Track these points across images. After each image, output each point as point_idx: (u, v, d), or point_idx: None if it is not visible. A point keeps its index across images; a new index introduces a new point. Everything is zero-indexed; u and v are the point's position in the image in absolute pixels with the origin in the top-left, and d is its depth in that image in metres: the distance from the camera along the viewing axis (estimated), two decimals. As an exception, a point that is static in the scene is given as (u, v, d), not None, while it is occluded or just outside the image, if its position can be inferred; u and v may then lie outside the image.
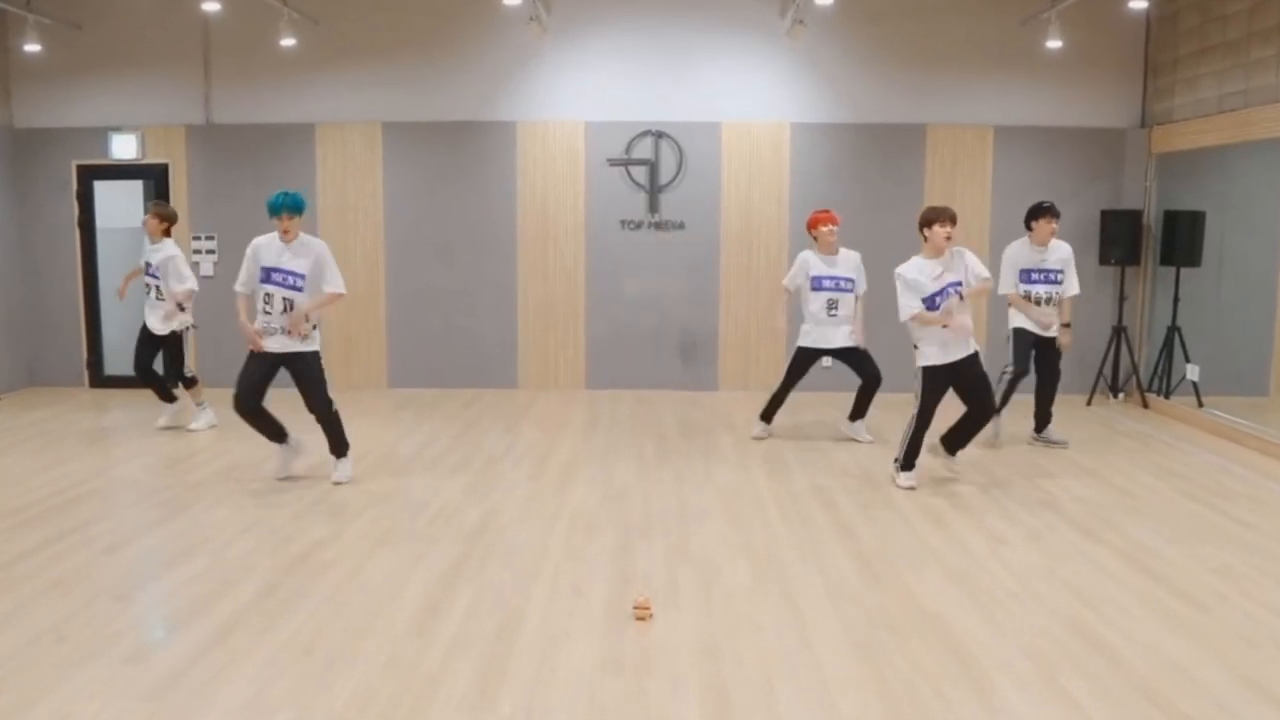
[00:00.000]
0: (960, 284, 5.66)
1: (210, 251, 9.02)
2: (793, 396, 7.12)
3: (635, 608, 3.91)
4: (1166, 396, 8.31)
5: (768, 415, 7.15)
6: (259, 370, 5.68)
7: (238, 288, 5.78)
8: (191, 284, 7.17)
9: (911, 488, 5.80)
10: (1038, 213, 6.69)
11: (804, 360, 6.93)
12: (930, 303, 5.64)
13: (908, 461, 5.85)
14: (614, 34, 8.86)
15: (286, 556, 4.61)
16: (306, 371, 5.72)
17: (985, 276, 5.78)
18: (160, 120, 8.97)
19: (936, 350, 5.70)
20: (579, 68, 8.88)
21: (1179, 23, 8.29)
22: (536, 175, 8.95)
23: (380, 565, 4.52)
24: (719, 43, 8.82)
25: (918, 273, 5.68)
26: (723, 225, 8.94)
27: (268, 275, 5.62)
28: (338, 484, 5.87)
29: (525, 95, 8.92)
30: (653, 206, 8.94)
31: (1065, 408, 8.33)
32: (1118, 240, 8.50)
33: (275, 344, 5.66)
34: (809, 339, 6.88)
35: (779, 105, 8.86)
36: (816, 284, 6.80)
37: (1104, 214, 8.63)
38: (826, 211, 6.90)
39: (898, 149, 8.83)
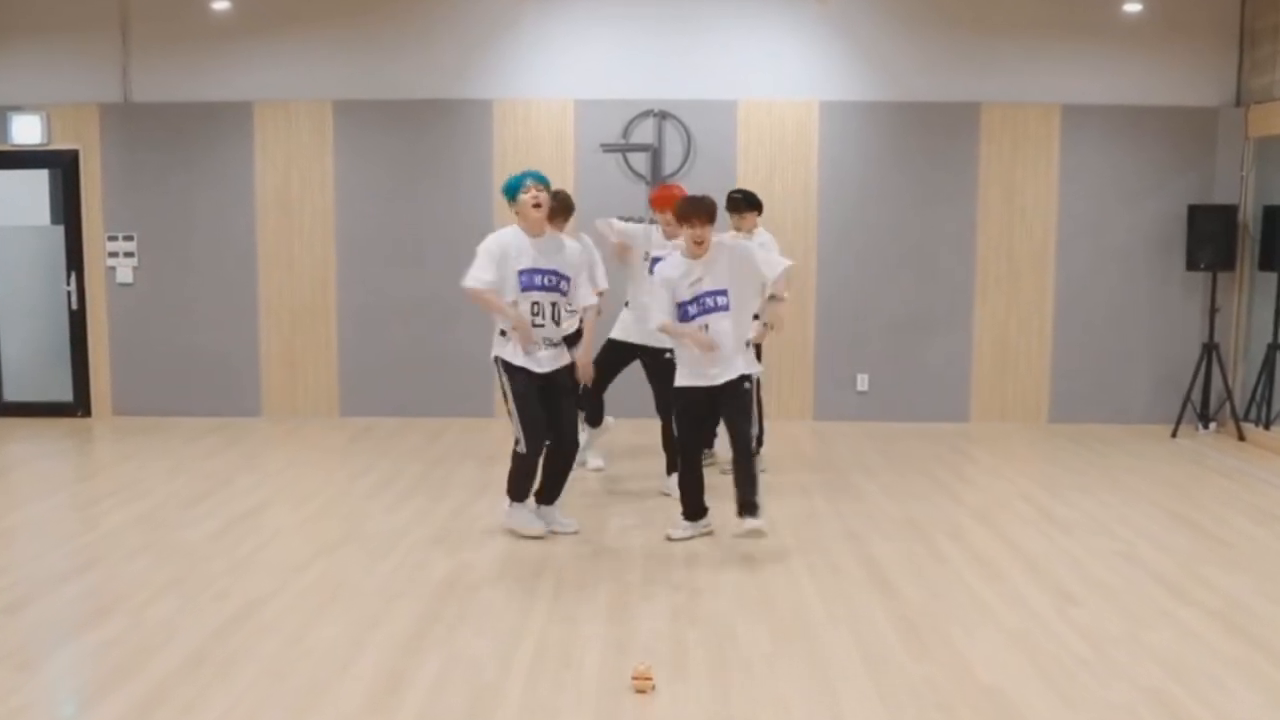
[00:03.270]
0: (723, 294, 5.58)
1: (129, 254, 9.04)
2: (824, 427, 7.12)
3: (634, 678, 3.92)
4: (1266, 427, 8.33)
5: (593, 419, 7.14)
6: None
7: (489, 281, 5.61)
8: None
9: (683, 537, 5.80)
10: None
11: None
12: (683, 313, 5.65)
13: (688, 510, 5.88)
14: (609, -4, 8.94)
15: (218, 617, 4.62)
16: (568, 383, 5.84)
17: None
18: (69, 98, 9.00)
19: (686, 371, 5.73)
20: (567, 36, 8.94)
21: (1279, -17, 8.35)
22: (517, 163, 8.92)
23: (329, 628, 4.52)
24: (734, 7, 8.88)
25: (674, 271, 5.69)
26: (738, 222, 8.98)
27: (530, 280, 5.64)
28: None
29: (504, 69, 8.97)
30: (655, 200, 8.99)
31: (1147, 440, 8.38)
32: (1208, 241, 8.52)
33: (545, 361, 5.75)
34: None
35: (806, 80, 8.92)
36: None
37: (1192, 210, 8.67)
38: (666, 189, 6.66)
39: (947, 131, 8.88)
